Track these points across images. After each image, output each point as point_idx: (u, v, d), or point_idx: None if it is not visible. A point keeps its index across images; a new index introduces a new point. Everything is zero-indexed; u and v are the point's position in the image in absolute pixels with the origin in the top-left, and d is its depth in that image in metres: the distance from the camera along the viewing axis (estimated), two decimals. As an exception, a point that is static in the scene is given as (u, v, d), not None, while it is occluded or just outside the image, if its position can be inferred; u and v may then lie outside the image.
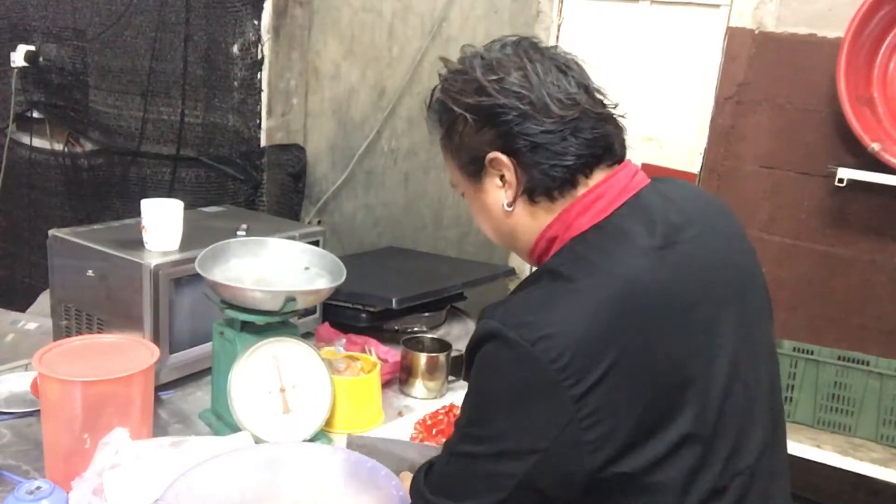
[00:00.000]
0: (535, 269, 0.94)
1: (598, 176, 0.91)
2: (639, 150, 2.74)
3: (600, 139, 0.90)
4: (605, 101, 0.94)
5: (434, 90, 0.97)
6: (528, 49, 0.92)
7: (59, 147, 2.48)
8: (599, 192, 0.89)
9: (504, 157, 0.90)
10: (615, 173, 0.92)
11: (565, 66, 0.92)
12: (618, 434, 0.78)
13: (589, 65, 0.96)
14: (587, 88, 0.92)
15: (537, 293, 0.84)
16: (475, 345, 0.84)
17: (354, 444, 1.29)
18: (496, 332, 0.80)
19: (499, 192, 0.94)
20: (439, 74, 0.97)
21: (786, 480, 0.97)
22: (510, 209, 0.93)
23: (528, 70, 0.89)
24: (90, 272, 1.47)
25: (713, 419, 0.83)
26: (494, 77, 0.89)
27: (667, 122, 2.71)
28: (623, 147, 0.95)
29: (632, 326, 0.79)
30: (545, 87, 0.88)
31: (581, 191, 0.91)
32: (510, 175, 0.91)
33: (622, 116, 0.95)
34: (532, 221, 0.93)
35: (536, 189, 0.90)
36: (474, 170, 0.94)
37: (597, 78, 0.96)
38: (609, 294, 0.80)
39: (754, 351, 0.92)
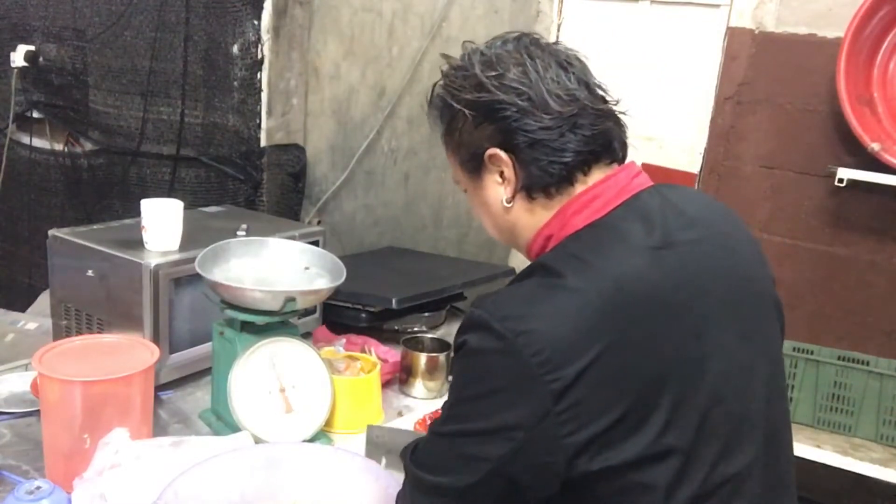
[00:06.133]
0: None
1: (597, 175, 0.91)
2: (639, 150, 2.73)
3: (599, 136, 0.90)
4: (607, 98, 0.94)
5: (435, 86, 0.98)
6: (528, 45, 0.92)
7: (59, 147, 2.48)
8: (597, 191, 0.89)
9: (502, 154, 0.90)
10: (615, 174, 0.91)
11: (566, 62, 0.92)
12: (594, 431, 0.77)
13: (589, 64, 0.95)
14: (588, 84, 0.92)
15: (527, 287, 0.84)
16: (461, 332, 0.85)
17: (374, 433, 1.32)
18: (483, 321, 0.81)
19: (498, 189, 0.94)
20: (441, 70, 0.97)
21: (788, 495, 0.94)
22: (509, 205, 0.94)
23: (527, 66, 0.89)
24: (90, 272, 1.47)
25: (695, 424, 0.81)
26: (493, 73, 0.89)
27: (667, 122, 2.71)
28: (624, 145, 0.95)
29: (617, 326, 0.79)
30: (544, 84, 0.88)
31: (579, 189, 0.91)
32: (509, 171, 0.91)
33: (623, 113, 0.95)
34: (530, 218, 0.93)
35: (534, 186, 0.91)
36: (474, 166, 0.95)
37: (596, 78, 0.95)
38: (597, 293, 0.80)
39: (753, 360, 0.89)
